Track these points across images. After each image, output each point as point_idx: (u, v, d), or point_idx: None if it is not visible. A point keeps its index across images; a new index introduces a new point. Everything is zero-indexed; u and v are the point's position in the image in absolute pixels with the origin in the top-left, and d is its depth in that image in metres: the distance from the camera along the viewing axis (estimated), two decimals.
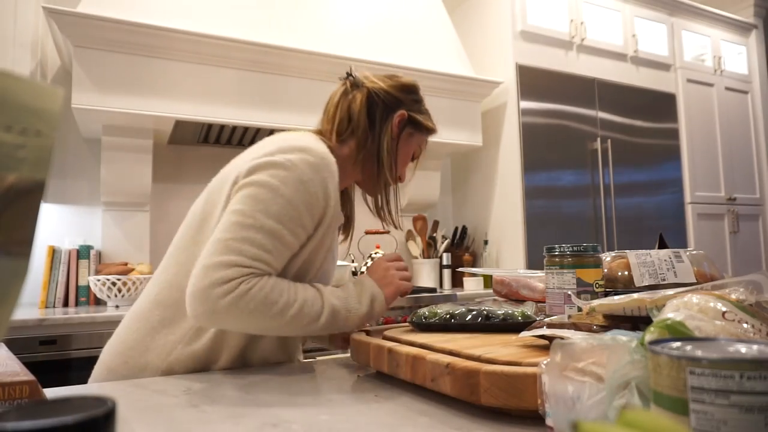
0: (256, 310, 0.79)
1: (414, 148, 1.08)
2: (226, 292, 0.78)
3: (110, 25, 1.93)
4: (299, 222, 0.85)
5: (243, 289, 0.78)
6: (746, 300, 0.48)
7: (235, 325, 0.81)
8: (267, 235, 0.82)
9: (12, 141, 0.24)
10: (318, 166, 0.87)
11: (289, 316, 0.81)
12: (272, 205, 0.83)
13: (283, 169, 0.85)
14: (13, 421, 0.22)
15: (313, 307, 0.84)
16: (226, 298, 0.78)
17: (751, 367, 0.28)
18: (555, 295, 0.76)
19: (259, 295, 0.79)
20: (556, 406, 0.40)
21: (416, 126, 1.05)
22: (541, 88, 2.89)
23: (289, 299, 0.82)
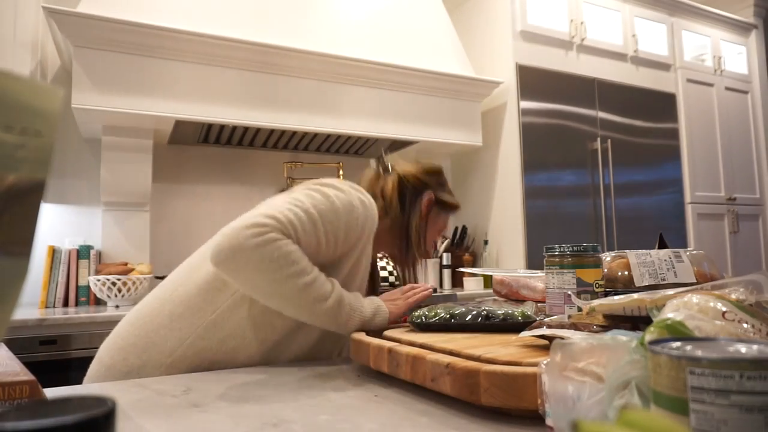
0: (276, 261, 0.83)
1: (441, 225, 1.18)
2: (257, 234, 0.82)
3: (110, 25, 1.93)
4: (335, 231, 0.91)
5: (272, 237, 0.83)
6: (746, 300, 0.48)
7: (254, 269, 0.83)
8: (308, 219, 0.88)
9: (12, 141, 0.24)
10: (367, 204, 0.97)
11: (302, 282, 0.85)
12: (322, 205, 0.91)
13: (340, 191, 0.95)
14: (13, 421, 0.22)
15: (324, 286, 0.88)
16: (255, 239, 0.82)
17: (751, 367, 0.29)
18: (555, 295, 0.76)
19: (284, 248, 0.84)
20: (556, 406, 0.40)
21: (443, 206, 1.16)
22: (541, 88, 2.89)
23: (306, 267, 0.86)
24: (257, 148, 2.67)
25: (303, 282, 0.85)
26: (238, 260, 0.83)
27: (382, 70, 2.47)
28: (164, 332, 0.90)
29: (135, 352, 0.90)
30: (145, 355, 0.89)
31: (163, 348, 0.89)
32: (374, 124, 2.46)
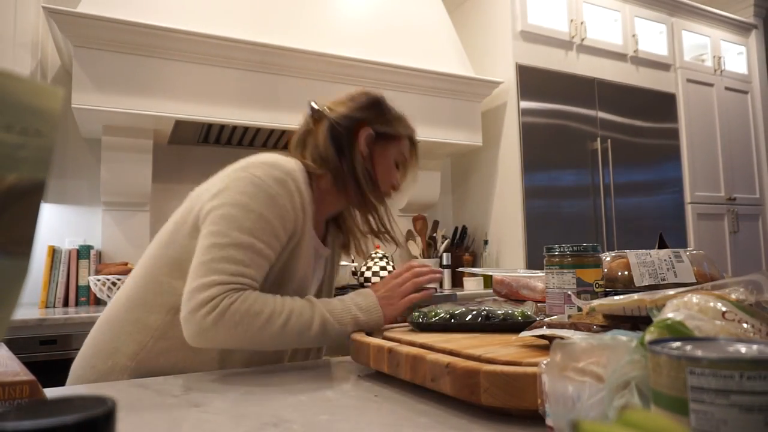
0: (241, 322, 0.80)
1: (394, 157, 1.07)
2: (210, 310, 0.79)
3: (110, 25, 1.93)
4: (273, 233, 0.87)
5: (225, 304, 0.80)
6: (746, 300, 0.48)
7: (227, 340, 0.82)
8: (243, 249, 0.84)
9: (12, 141, 0.24)
10: (284, 180, 0.89)
11: (277, 325, 0.82)
12: (245, 221, 0.85)
13: (252, 185, 0.88)
14: (13, 421, 0.22)
15: (302, 316, 0.85)
16: (211, 315, 0.79)
17: (751, 367, 0.29)
18: (555, 295, 0.76)
19: (242, 307, 0.80)
20: (556, 406, 0.40)
21: (386, 137, 1.04)
22: (541, 88, 2.89)
23: (274, 309, 0.83)
24: (257, 148, 2.67)
25: (278, 325, 0.83)
26: (210, 340, 0.81)
27: (382, 70, 2.47)
28: (125, 337, 0.89)
29: (102, 359, 0.89)
30: (111, 360, 0.88)
31: (127, 351, 0.88)
32: None
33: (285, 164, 0.92)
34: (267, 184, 0.88)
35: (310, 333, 0.85)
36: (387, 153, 1.05)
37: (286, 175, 0.90)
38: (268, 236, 0.87)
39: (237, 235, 0.84)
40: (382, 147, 1.04)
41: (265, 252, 0.86)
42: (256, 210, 0.86)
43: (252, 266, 0.84)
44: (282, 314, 0.83)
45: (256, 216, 0.86)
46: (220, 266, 0.82)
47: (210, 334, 0.80)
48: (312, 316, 0.86)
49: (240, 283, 0.83)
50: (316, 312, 0.86)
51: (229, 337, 0.81)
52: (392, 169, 1.07)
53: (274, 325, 0.82)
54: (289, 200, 0.89)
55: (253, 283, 0.85)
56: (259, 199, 0.87)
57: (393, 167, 1.07)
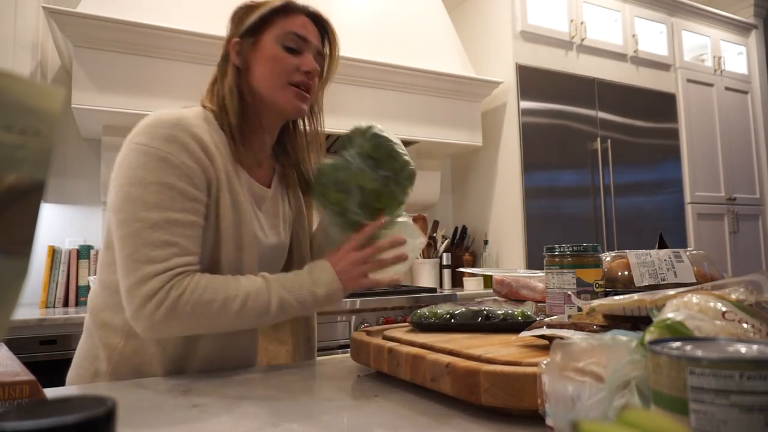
0: (194, 313, 0.77)
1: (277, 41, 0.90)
2: (158, 304, 0.75)
3: (110, 25, 1.93)
4: (184, 196, 0.79)
5: (174, 296, 0.76)
6: (746, 300, 0.48)
7: (183, 330, 0.79)
8: (160, 228, 0.77)
9: (12, 141, 0.24)
10: (170, 135, 0.80)
11: (233, 311, 0.78)
12: (148, 197, 0.78)
13: (140, 155, 0.79)
14: (13, 421, 0.22)
15: (259, 299, 0.80)
16: (160, 310, 0.75)
17: (751, 367, 0.29)
18: (555, 295, 0.76)
19: (191, 298, 0.76)
20: (556, 406, 0.40)
21: (252, 32, 0.90)
22: (541, 88, 2.89)
23: (227, 294, 0.79)
24: None
25: (233, 311, 0.78)
26: (164, 332, 0.78)
27: (382, 70, 2.47)
28: (98, 341, 0.87)
29: (85, 366, 0.88)
30: (93, 366, 0.87)
31: (103, 356, 0.86)
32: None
33: (169, 117, 0.82)
34: (155, 147, 0.79)
35: (269, 315, 0.81)
36: (262, 44, 0.90)
37: (172, 128, 0.81)
38: (180, 202, 0.79)
39: (146, 215, 0.77)
40: (254, 45, 0.90)
41: (185, 220, 0.79)
42: (154, 180, 0.78)
43: (180, 242, 0.78)
44: (237, 299, 0.79)
45: (156, 186, 0.78)
46: (146, 255, 0.76)
47: (163, 327, 0.77)
48: (269, 297, 0.81)
49: (177, 267, 0.77)
50: (273, 292, 0.81)
51: (184, 328, 0.78)
52: (277, 56, 0.90)
53: (229, 311, 0.78)
54: (186, 153, 0.80)
55: (189, 260, 0.79)
56: (152, 166, 0.78)
57: (279, 53, 0.90)
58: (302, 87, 0.92)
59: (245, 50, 0.91)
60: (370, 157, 0.95)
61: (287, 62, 0.90)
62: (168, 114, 0.83)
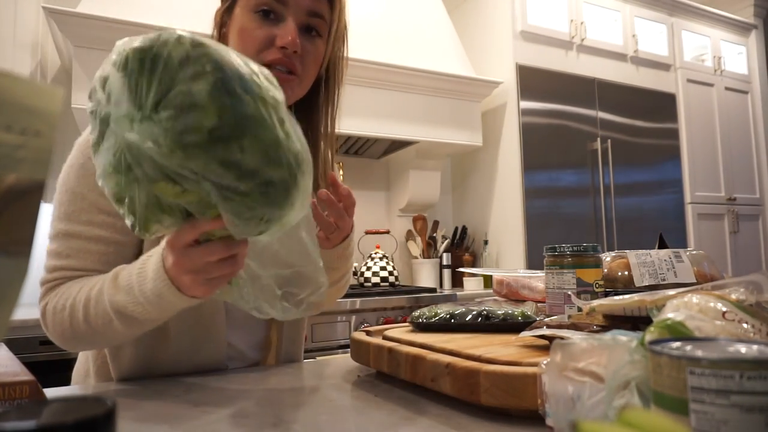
0: (55, 323, 0.70)
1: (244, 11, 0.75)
2: (41, 315, 0.73)
3: (110, 25, 1.93)
4: (96, 209, 0.72)
5: (41, 306, 0.72)
6: (746, 300, 0.48)
7: (63, 344, 0.73)
8: (61, 239, 0.73)
9: (12, 141, 0.24)
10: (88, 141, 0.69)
11: (79, 320, 0.68)
12: (61, 205, 0.74)
13: (70, 157, 0.76)
14: (13, 421, 0.22)
15: (98, 306, 0.66)
16: (43, 320, 0.73)
17: (751, 367, 0.28)
18: (555, 295, 0.76)
19: (48, 307, 0.71)
20: (556, 406, 0.40)
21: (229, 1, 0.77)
22: (541, 88, 2.89)
23: (75, 301, 0.68)
24: None
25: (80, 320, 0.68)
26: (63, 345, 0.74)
27: (382, 70, 2.47)
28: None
29: (82, 362, 0.89)
30: (86, 365, 0.87)
31: (90, 356, 0.86)
32: (374, 124, 2.46)
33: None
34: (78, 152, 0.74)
35: (115, 326, 0.66)
36: (234, 12, 0.76)
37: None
38: (87, 214, 0.72)
39: (56, 225, 0.74)
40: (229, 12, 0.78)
41: (87, 234, 0.72)
42: (70, 188, 0.74)
43: (73, 255, 0.72)
44: (79, 307, 0.68)
45: (70, 195, 0.73)
46: (45, 263, 0.74)
47: (56, 340, 0.73)
48: (106, 306, 0.65)
49: (57, 279, 0.73)
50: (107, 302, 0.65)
51: (63, 341, 0.72)
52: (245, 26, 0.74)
53: (77, 321, 0.68)
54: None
55: (74, 275, 0.72)
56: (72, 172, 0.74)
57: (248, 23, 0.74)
58: (279, 67, 0.73)
59: (225, 21, 0.78)
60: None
61: (255, 35, 0.73)
62: None
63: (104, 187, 0.51)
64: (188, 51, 0.44)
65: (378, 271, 2.53)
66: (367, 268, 2.56)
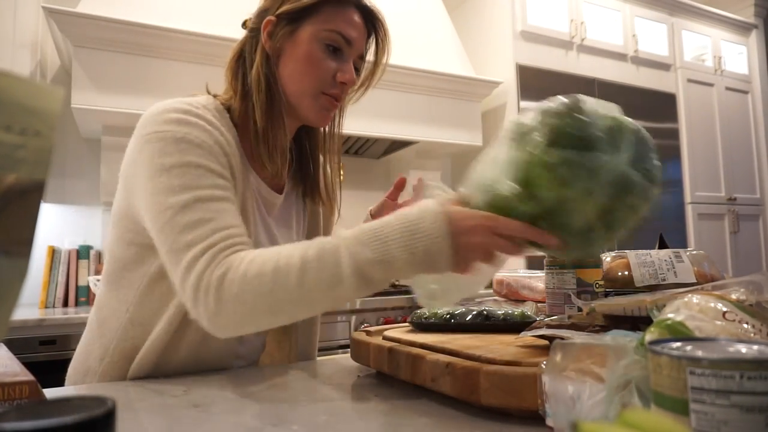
0: (243, 293, 0.62)
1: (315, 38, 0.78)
2: (206, 291, 0.64)
3: (110, 25, 1.93)
4: (214, 174, 0.71)
5: (217, 277, 0.63)
6: (747, 300, 0.48)
7: (244, 318, 0.65)
8: (193, 209, 0.68)
9: (11, 141, 0.24)
10: (181, 119, 0.72)
11: (291, 284, 0.61)
12: (173, 180, 0.69)
13: (154, 142, 0.72)
14: (13, 421, 0.22)
15: (324, 263, 0.61)
16: (209, 297, 0.64)
17: (751, 368, 0.28)
18: (555, 295, 0.76)
19: (236, 275, 0.63)
20: (556, 406, 0.40)
21: (293, 17, 0.78)
22: (541, 88, 2.89)
23: (278, 264, 0.62)
24: None
25: (292, 283, 0.61)
26: (227, 327, 0.66)
27: None
28: (94, 339, 0.86)
29: (80, 360, 0.88)
30: (86, 364, 0.86)
31: (96, 355, 0.84)
32: (374, 124, 2.46)
33: (176, 103, 0.75)
34: (167, 131, 0.72)
35: (343, 284, 0.60)
36: (300, 36, 0.77)
37: (183, 113, 0.73)
38: (208, 178, 0.70)
39: (175, 201, 0.68)
40: (291, 32, 0.78)
41: (218, 194, 0.70)
42: (176, 162, 0.70)
43: (217, 217, 0.68)
44: (292, 267, 0.61)
45: (179, 168, 0.69)
46: (183, 241, 0.66)
47: (222, 318, 0.64)
48: (338, 258, 0.61)
49: (218, 243, 0.66)
50: (342, 251, 0.61)
51: (243, 315, 0.64)
52: (315, 55, 0.77)
53: (286, 283, 0.61)
54: (204, 133, 0.73)
55: (232, 233, 0.68)
56: (170, 150, 0.70)
57: (317, 53, 0.77)
58: (334, 98, 0.81)
59: (279, 35, 0.78)
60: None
61: (325, 67, 0.78)
62: (174, 101, 0.75)
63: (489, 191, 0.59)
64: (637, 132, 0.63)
65: None
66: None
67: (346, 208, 1.09)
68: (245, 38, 0.83)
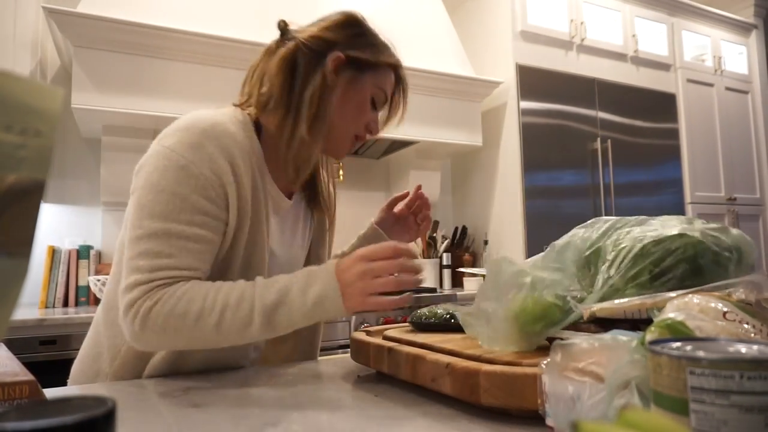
0: (166, 326, 0.71)
1: (369, 91, 0.87)
2: (134, 315, 0.72)
3: (110, 25, 1.93)
4: (196, 210, 0.75)
5: (146, 308, 0.72)
6: (747, 300, 0.48)
7: (162, 345, 0.77)
8: (160, 239, 0.74)
9: (12, 141, 0.24)
10: (198, 144, 0.76)
11: (208, 325, 0.71)
12: (156, 205, 0.75)
13: (163, 158, 0.77)
14: (13, 421, 0.22)
15: (239, 311, 0.72)
16: (136, 321, 0.72)
17: (751, 367, 0.28)
18: None
19: (163, 309, 0.71)
20: (556, 406, 0.40)
21: (359, 66, 0.86)
22: (541, 88, 2.89)
23: (204, 306, 0.71)
24: None
25: (210, 324, 0.71)
26: (146, 346, 0.76)
27: None
28: (104, 340, 0.86)
29: (88, 363, 0.87)
30: (96, 365, 0.86)
31: (107, 357, 0.85)
32: None
33: (203, 122, 0.78)
34: (177, 154, 0.76)
35: (251, 330, 0.72)
36: (360, 85, 0.86)
37: (202, 135, 0.77)
38: (189, 215, 0.75)
39: (148, 224, 0.74)
40: (353, 77, 0.86)
41: (189, 233, 0.74)
42: (167, 188, 0.75)
43: (176, 255, 0.74)
44: (214, 311, 0.71)
45: (168, 196, 0.75)
46: (137, 263, 0.74)
47: (143, 340, 0.74)
48: (251, 310, 0.72)
49: (162, 279, 0.73)
50: (256, 305, 0.72)
51: (162, 342, 0.75)
52: (366, 105, 0.88)
53: (205, 324, 0.71)
54: (208, 164, 0.76)
55: (181, 274, 0.74)
56: (169, 174, 0.75)
57: (367, 104, 0.88)
58: (358, 140, 0.91)
59: (343, 75, 0.85)
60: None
61: (365, 117, 0.89)
62: (204, 118, 0.79)
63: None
64: None
65: None
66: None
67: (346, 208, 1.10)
68: (299, 51, 0.85)
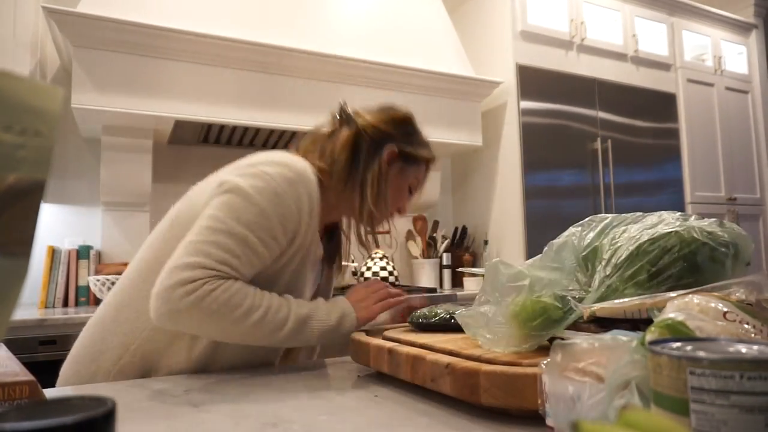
0: (218, 312, 0.78)
1: (409, 181, 1.04)
2: (189, 291, 0.77)
3: (110, 25, 1.93)
4: (271, 233, 0.84)
5: (206, 290, 0.78)
6: (747, 300, 0.48)
7: (196, 326, 0.81)
8: (237, 241, 0.82)
9: (12, 141, 0.24)
10: (294, 181, 0.87)
11: (251, 321, 0.80)
12: (245, 213, 0.83)
13: (260, 180, 0.85)
14: (13, 421, 0.22)
15: (278, 314, 0.83)
16: (189, 297, 0.77)
17: (751, 368, 0.28)
18: None
19: (222, 296, 0.78)
20: (556, 406, 0.40)
21: (408, 158, 1.01)
22: (541, 88, 2.89)
23: (253, 303, 0.81)
24: (257, 148, 2.67)
25: (252, 320, 0.80)
26: (179, 321, 0.79)
27: (382, 70, 2.47)
28: (111, 339, 0.87)
29: (85, 363, 0.88)
30: (95, 365, 0.87)
31: (111, 356, 0.86)
32: None
33: (297, 165, 0.89)
34: (276, 181, 0.85)
35: (282, 331, 0.83)
36: (405, 175, 1.02)
37: (297, 177, 0.87)
38: (265, 233, 0.84)
39: (233, 225, 0.82)
40: (401, 168, 1.01)
41: (258, 248, 0.83)
42: (260, 204, 0.84)
43: (241, 258, 0.82)
44: (259, 308, 0.81)
45: (258, 210, 0.83)
46: (208, 249, 0.80)
47: (181, 317, 0.78)
48: (288, 313, 0.84)
49: (224, 272, 0.80)
50: (292, 310, 0.85)
51: (199, 324, 0.80)
52: (405, 192, 1.04)
53: (248, 320, 0.80)
54: (295, 202, 0.86)
55: (236, 275, 0.82)
56: (265, 194, 0.84)
57: (406, 190, 1.04)
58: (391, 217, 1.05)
59: (394, 165, 1.00)
60: None
61: (402, 202, 1.04)
62: (298, 161, 0.90)
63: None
64: None
65: (378, 271, 2.53)
66: (367, 268, 2.56)
67: None
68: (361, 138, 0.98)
